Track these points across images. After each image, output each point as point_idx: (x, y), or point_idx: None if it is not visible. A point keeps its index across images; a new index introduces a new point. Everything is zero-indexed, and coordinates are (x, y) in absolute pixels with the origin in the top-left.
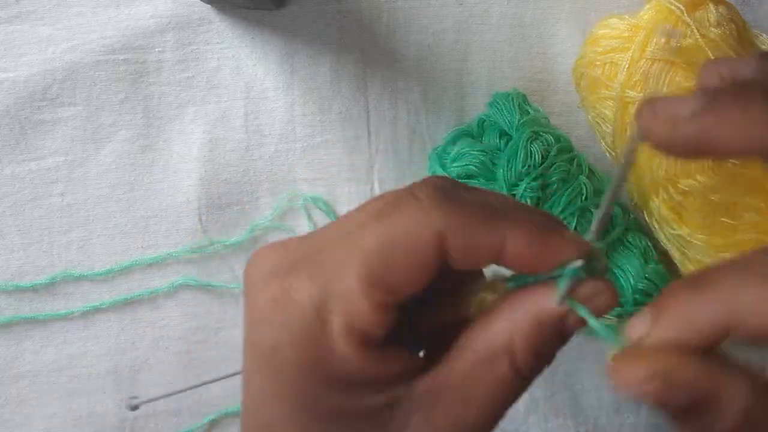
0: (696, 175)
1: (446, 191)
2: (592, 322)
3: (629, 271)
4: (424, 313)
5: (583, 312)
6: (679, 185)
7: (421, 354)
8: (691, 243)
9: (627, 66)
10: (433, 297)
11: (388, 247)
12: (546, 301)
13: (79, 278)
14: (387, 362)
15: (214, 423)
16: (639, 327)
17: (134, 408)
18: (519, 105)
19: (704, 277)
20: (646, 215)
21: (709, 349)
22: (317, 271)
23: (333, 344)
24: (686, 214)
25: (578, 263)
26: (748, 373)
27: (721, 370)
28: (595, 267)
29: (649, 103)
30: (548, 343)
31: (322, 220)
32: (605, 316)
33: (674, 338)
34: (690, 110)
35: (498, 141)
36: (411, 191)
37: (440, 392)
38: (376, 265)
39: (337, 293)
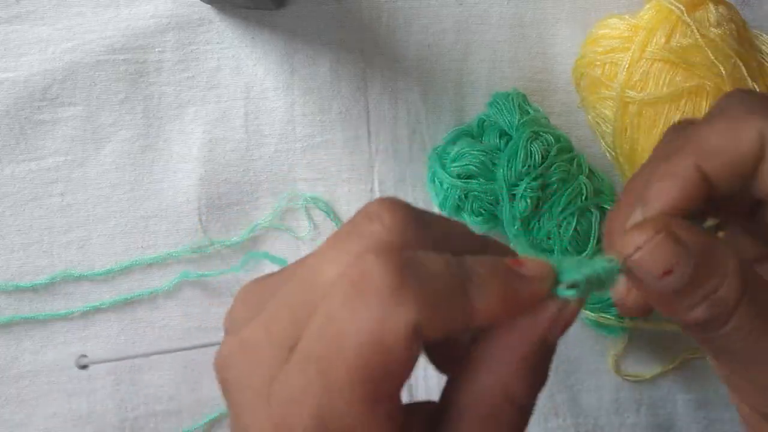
0: None
1: (405, 266)
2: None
3: None
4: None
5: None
6: None
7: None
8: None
9: (627, 66)
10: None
11: (369, 360)
12: (527, 332)
13: (79, 278)
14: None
15: (214, 422)
16: (633, 219)
17: (83, 367)
18: (519, 105)
19: (670, 148)
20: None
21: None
22: (306, 392)
23: None
24: None
25: (569, 293)
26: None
27: (715, 235)
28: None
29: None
30: (542, 364)
31: (322, 220)
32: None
33: (666, 205)
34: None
35: (498, 141)
36: (365, 274)
37: None
38: (364, 382)
39: (338, 423)
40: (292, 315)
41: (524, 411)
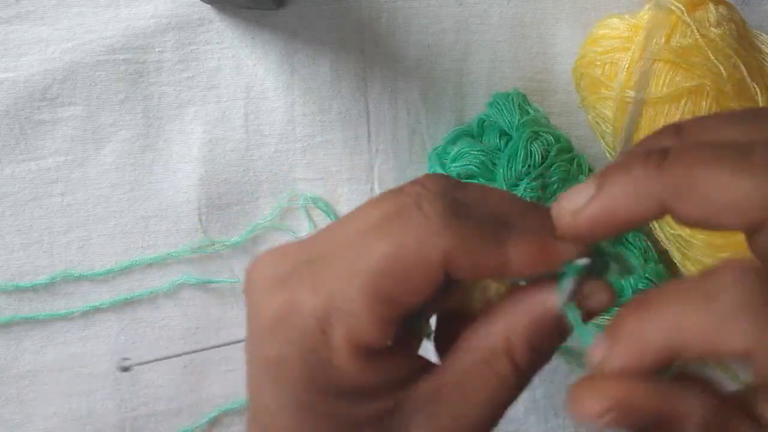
0: None
1: (452, 206)
2: (579, 327)
3: None
4: (427, 309)
5: (571, 315)
6: None
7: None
8: (691, 243)
9: (627, 66)
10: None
11: (393, 265)
12: (544, 300)
13: (79, 278)
14: (389, 370)
15: (215, 421)
16: (598, 351)
17: (125, 369)
18: (519, 105)
19: (649, 301)
20: None
21: (665, 369)
22: (320, 282)
23: (334, 357)
24: None
25: (582, 261)
26: (706, 387)
27: (679, 389)
28: (607, 263)
29: (555, 203)
30: (546, 340)
31: (322, 220)
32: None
33: (629, 363)
34: (585, 196)
35: (498, 141)
36: (416, 202)
37: (441, 393)
38: (381, 282)
39: (341, 307)
40: (327, 238)
41: (517, 372)
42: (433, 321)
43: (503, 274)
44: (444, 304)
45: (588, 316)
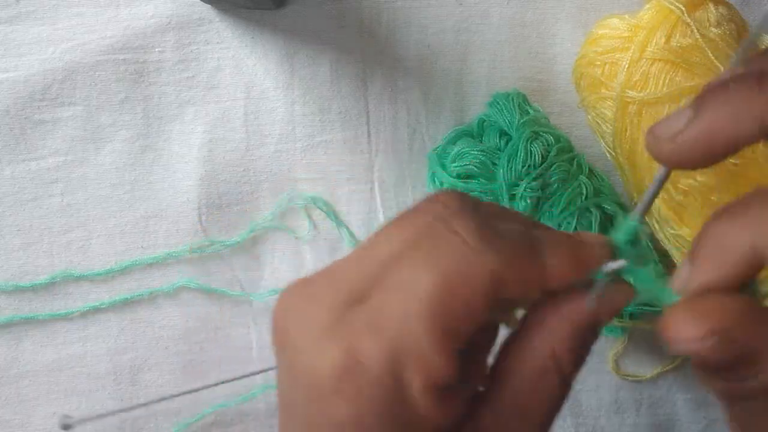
0: (696, 175)
1: (484, 223)
2: (652, 284)
3: None
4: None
5: (641, 277)
6: (679, 185)
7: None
8: (691, 243)
9: (627, 66)
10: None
11: (449, 294)
12: (581, 305)
13: (79, 278)
14: (459, 402)
15: (214, 420)
16: (680, 274)
17: (66, 427)
18: (519, 105)
19: (732, 209)
20: (646, 215)
21: (749, 283)
22: (377, 327)
23: (415, 405)
24: (686, 214)
25: (618, 264)
26: None
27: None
28: (638, 250)
29: (649, 131)
30: (586, 343)
31: (322, 220)
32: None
33: (713, 278)
34: (684, 120)
35: (498, 141)
36: (445, 222)
37: (501, 418)
38: (442, 314)
39: (410, 351)
40: (359, 270)
41: (566, 384)
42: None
43: (545, 285)
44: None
45: (608, 316)
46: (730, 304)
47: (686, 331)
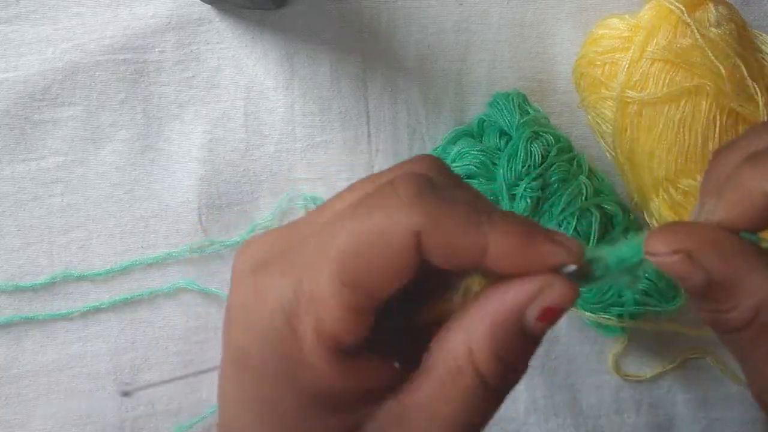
0: (696, 175)
1: (429, 187)
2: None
3: None
4: (406, 315)
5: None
6: (679, 185)
7: (397, 365)
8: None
9: (627, 66)
10: (418, 297)
11: (362, 246)
12: (507, 299)
13: (79, 278)
14: (359, 375)
15: (214, 420)
16: (704, 207)
17: (126, 394)
18: (519, 105)
19: (754, 154)
20: (646, 215)
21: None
22: (290, 268)
23: (301, 350)
24: (686, 214)
25: (570, 269)
26: None
27: (747, 262)
28: (594, 273)
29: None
30: (511, 346)
31: None
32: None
33: (735, 216)
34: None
35: (498, 141)
36: (392, 184)
37: (407, 414)
38: (349, 265)
39: (308, 293)
40: (306, 222)
41: (485, 386)
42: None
43: (480, 262)
44: (425, 314)
45: (542, 318)
46: (703, 231)
47: (655, 246)
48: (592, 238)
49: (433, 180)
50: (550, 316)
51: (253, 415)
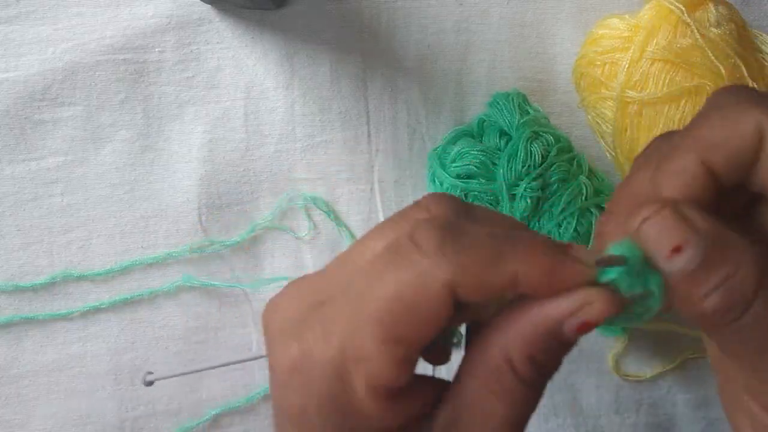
0: None
1: (449, 235)
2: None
3: None
4: (447, 329)
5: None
6: None
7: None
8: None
9: (627, 66)
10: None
11: (399, 306)
12: (539, 314)
13: (79, 278)
14: (410, 404)
15: (214, 421)
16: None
17: (149, 384)
18: (519, 105)
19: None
20: None
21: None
22: (330, 330)
23: (358, 404)
24: None
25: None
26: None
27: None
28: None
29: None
30: (545, 349)
31: (322, 220)
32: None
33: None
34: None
35: (498, 141)
36: (412, 239)
37: (460, 418)
38: (389, 324)
39: (355, 355)
40: (333, 274)
41: (529, 389)
42: (463, 329)
43: (514, 290)
44: (465, 319)
45: (580, 328)
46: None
47: (643, 211)
48: (592, 238)
49: (450, 222)
50: (587, 328)
51: None
